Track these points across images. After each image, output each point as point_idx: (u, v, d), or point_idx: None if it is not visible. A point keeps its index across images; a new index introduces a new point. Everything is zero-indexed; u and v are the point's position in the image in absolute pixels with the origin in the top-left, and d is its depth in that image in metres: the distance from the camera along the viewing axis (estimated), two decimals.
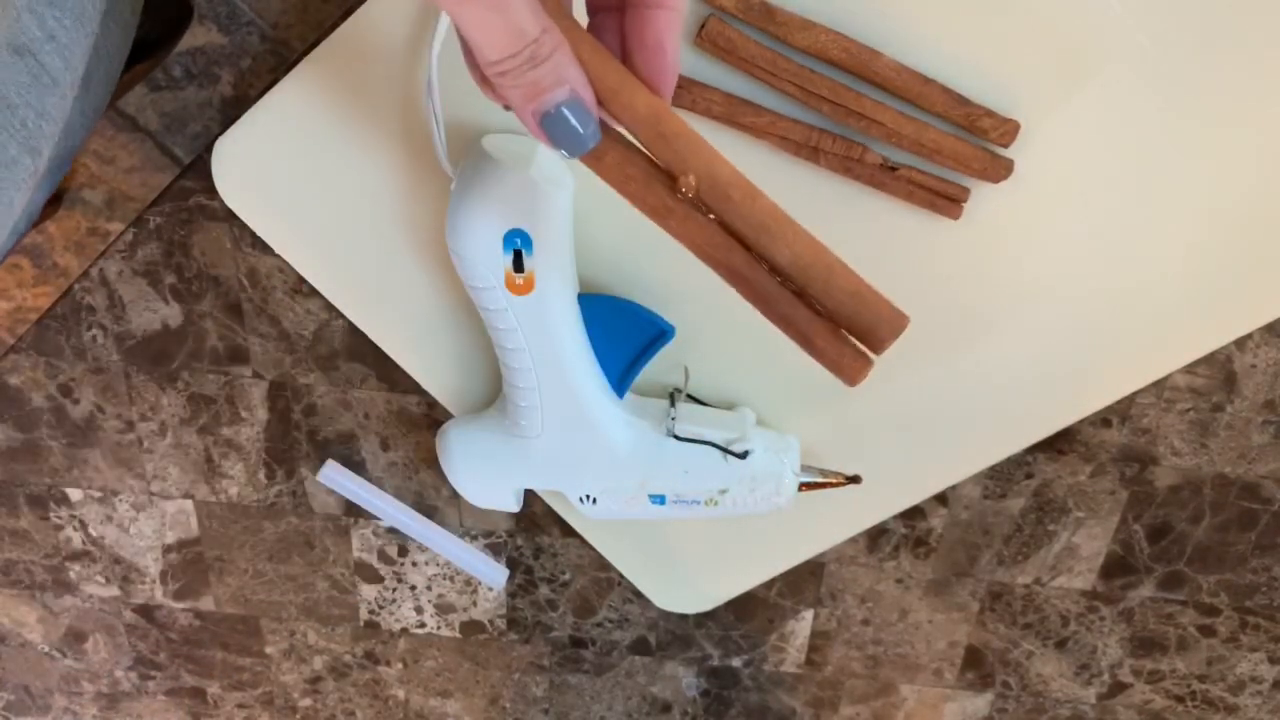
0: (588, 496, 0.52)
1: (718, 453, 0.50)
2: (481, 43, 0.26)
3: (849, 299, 0.25)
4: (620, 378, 0.49)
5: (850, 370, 0.26)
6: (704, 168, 0.27)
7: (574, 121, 0.27)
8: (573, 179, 0.45)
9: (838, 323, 0.26)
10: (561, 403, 0.49)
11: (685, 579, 0.62)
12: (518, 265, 0.45)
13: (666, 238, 0.49)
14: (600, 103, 0.27)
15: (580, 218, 0.47)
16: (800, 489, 0.51)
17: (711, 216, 0.27)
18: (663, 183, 0.27)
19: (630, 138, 0.28)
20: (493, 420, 0.52)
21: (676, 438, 0.50)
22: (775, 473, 0.50)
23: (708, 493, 0.51)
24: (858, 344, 0.26)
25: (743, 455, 0.50)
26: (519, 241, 0.44)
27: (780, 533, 0.58)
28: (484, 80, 0.29)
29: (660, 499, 0.51)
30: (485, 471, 0.53)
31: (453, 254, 0.45)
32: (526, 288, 0.45)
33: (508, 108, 0.30)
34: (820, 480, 0.52)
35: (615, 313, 0.48)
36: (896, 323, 0.25)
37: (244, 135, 0.49)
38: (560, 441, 0.50)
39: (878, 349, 0.26)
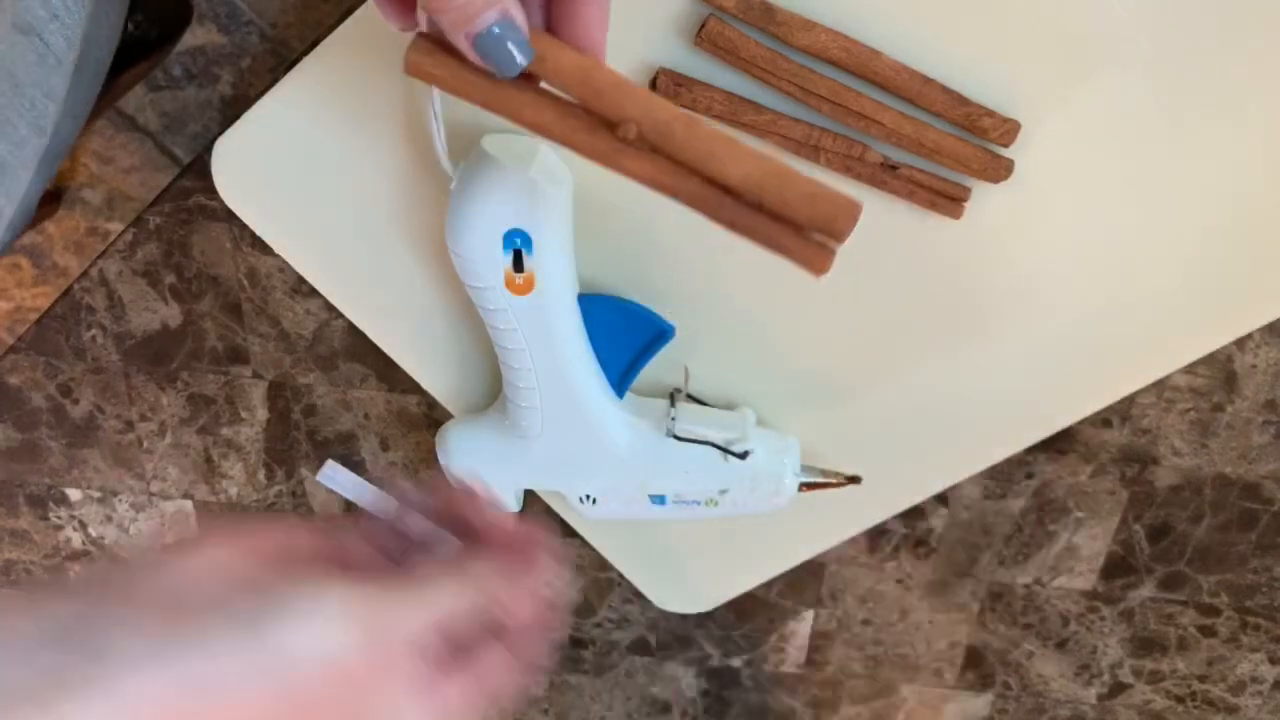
0: (588, 497, 0.52)
1: (718, 453, 0.50)
2: None
3: (805, 200, 0.28)
4: (620, 378, 0.49)
5: (817, 261, 0.29)
6: (641, 112, 0.28)
7: (508, 41, 0.28)
8: (572, 178, 0.45)
9: (798, 224, 0.29)
10: (561, 403, 0.49)
11: (685, 579, 0.61)
12: (518, 265, 0.45)
13: (667, 237, 0.49)
14: (529, 71, 0.29)
15: (580, 217, 0.46)
16: (800, 489, 0.51)
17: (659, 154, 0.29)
18: (606, 130, 0.29)
19: (566, 97, 0.30)
20: (493, 420, 0.52)
21: (676, 438, 0.50)
22: (775, 473, 0.50)
23: (708, 493, 0.51)
24: (820, 238, 0.29)
25: (743, 455, 0.50)
26: (519, 241, 0.44)
27: (780, 533, 0.58)
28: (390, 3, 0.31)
29: (660, 499, 0.51)
30: (485, 472, 0.53)
31: (453, 254, 0.45)
32: (526, 288, 0.45)
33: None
34: (820, 480, 0.52)
35: (615, 313, 0.48)
36: (853, 209, 0.29)
37: (244, 135, 0.49)
38: (560, 441, 0.50)
39: (840, 238, 0.29)
